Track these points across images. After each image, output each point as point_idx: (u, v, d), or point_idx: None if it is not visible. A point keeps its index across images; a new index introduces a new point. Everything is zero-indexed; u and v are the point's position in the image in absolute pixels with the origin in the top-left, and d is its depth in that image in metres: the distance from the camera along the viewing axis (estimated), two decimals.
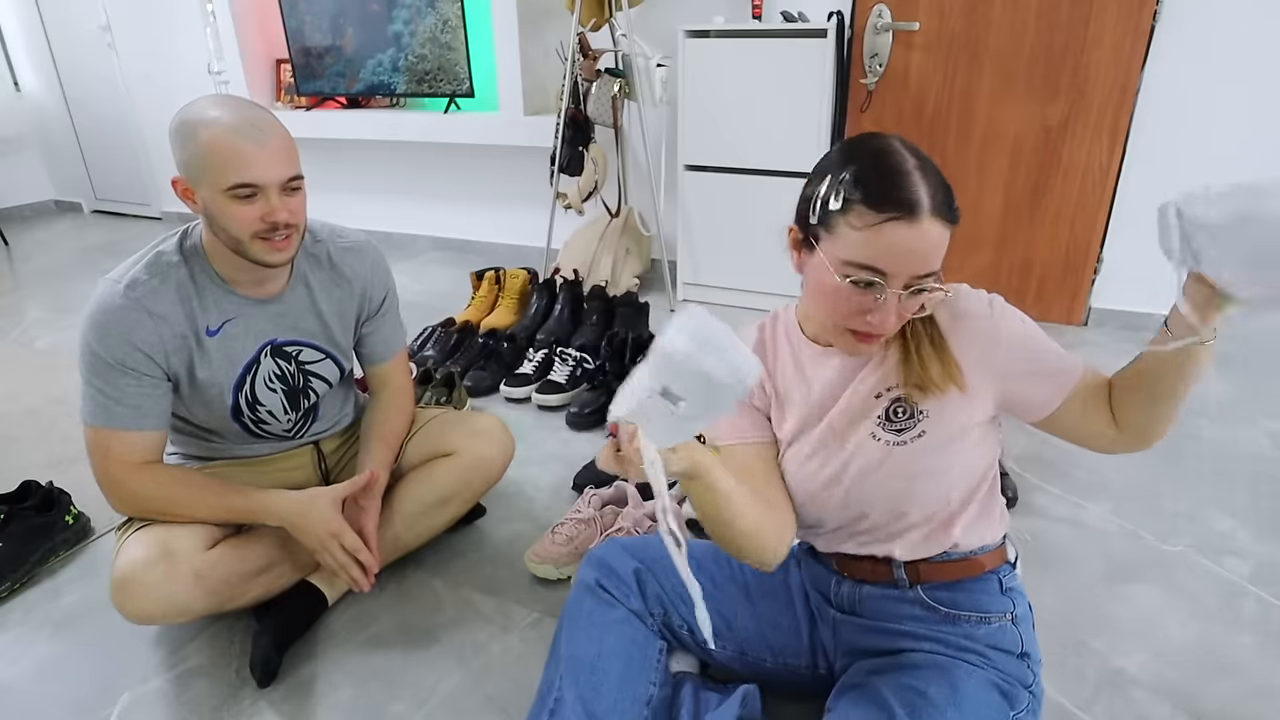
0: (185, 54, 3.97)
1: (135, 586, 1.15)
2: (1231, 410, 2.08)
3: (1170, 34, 2.34)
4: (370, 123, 3.57)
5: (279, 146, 1.14)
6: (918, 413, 0.91)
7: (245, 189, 1.12)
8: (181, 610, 1.19)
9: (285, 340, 1.31)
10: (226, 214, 1.13)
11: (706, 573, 1.09)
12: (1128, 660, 1.24)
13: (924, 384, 0.89)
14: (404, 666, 1.25)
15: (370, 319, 1.42)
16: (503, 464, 1.51)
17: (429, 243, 3.88)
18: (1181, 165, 2.44)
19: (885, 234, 0.79)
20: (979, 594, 0.95)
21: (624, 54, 2.81)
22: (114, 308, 1.16)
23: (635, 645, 1.02)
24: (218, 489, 1.26)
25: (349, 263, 1.36)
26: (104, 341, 1.16)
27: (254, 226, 1.14)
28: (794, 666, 1.08)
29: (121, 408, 1.19)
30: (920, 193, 0.79)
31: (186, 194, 1.16)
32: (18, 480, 1.57)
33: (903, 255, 0.79)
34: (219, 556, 1.23)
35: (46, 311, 3.02)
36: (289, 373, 1.33)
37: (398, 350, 1.48)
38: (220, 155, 1.10)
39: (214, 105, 1.13)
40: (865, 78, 2.70)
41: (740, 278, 2.91)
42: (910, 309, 0.84)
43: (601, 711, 0.94)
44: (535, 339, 2.41)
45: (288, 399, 1.35)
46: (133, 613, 1.17)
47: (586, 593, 1.05)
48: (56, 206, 4.89)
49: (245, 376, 1.28)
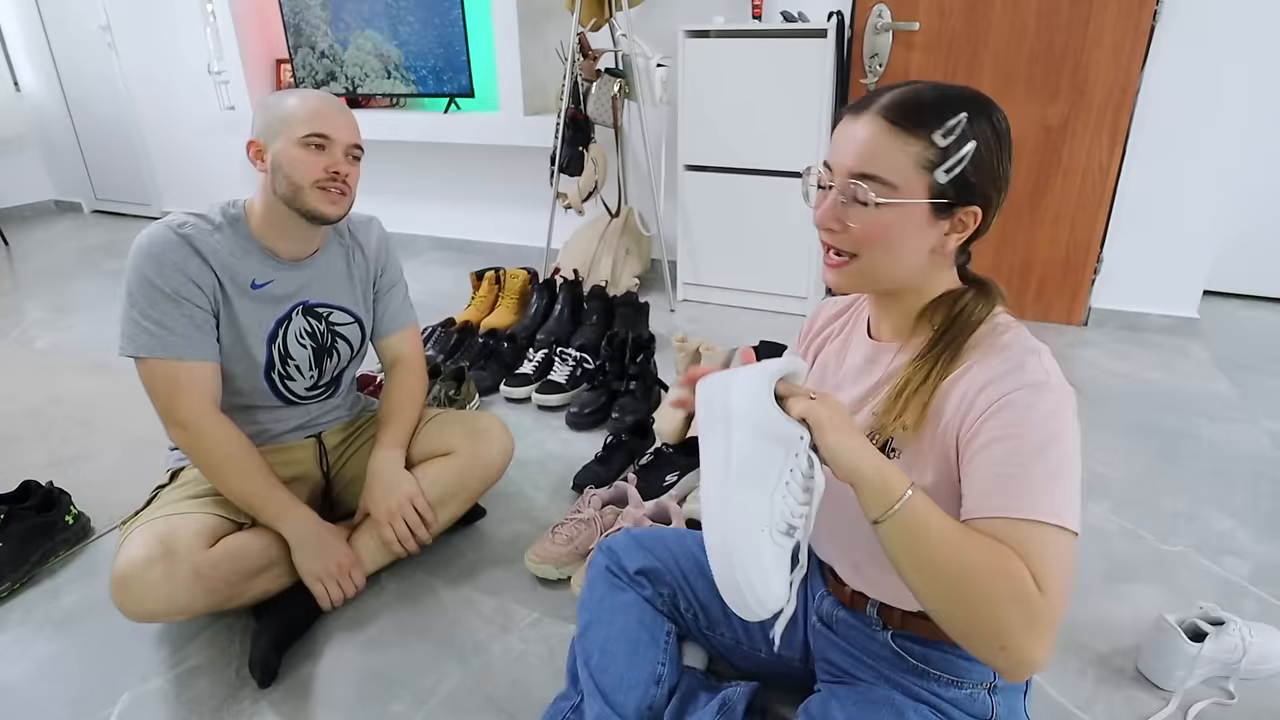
0: (185, 54, 3.97)
1: (135, 585, 1.16)
2: (1231, 410, 2.08)
3: (1170, 34, 2.34)
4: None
5: (352, 120, 1.33)
6: (889, 451, 0.82)
7: (319, 138, 1.27)
8: (181, 609, 1.19)
9: (317, 301, 1.41)
10: (295, 161, 1.27)
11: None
12: (1127, 660, 1.24)
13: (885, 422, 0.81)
14: (404, 666, 1.25)
15: (380, 289, 1.50)
16: (502, 464, 1.52)
17: (429, 243, 3.88)
18: (1181, 165, 2.45)
19: (837, 129, 0.82)
20: (955, 658, 0.89)
21: (624, 54, 2.81)
22: (168, 241, 1.25)
23: (643, 627, 1.04)
24: (264, 475, 1.31)
25: (363, 232, 1.49)
26: (160, 271, 1.24)
27: (316, 174, 1.27)
28: (787, 659, 1.08)
29: (176, 337, 1.26)
30: (878, 95, 0.78)
31: (259, 154, 1.30)
32: (18, 480, 1.57)
33: (839, 146, 0.80)
34: (220, 556, 1.23)
35: (46, 311, 3.01)
36: (319, 330, 1.42)
37: (408, 324, 1.55)
38: (303, 111, 1.27)
39: (301, 90, 1.32)
40: (865, 78, 2.70)
41: (740, 278, 2.91)
42: (849, 215, 0.79)
43: (609, 688, 0.97)
44: (535, 339, 2.41)
45: (315, 356, 1.42)
46: (133, 611, 1.17)
47: (599, 577, 1.09)
48: (56, 206, 4.89)
49: (277, 331, 1.36)
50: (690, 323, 2.79)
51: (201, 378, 1.28)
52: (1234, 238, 2.79)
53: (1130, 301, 2.66)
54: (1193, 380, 2.28)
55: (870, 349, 0.90)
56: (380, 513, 1.36)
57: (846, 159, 0.78)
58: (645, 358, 2.14)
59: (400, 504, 1.37)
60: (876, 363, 0.89)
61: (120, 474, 1.80)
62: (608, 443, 1.83)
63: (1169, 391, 2.20)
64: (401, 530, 1.37)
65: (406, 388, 1.50)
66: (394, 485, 1.38)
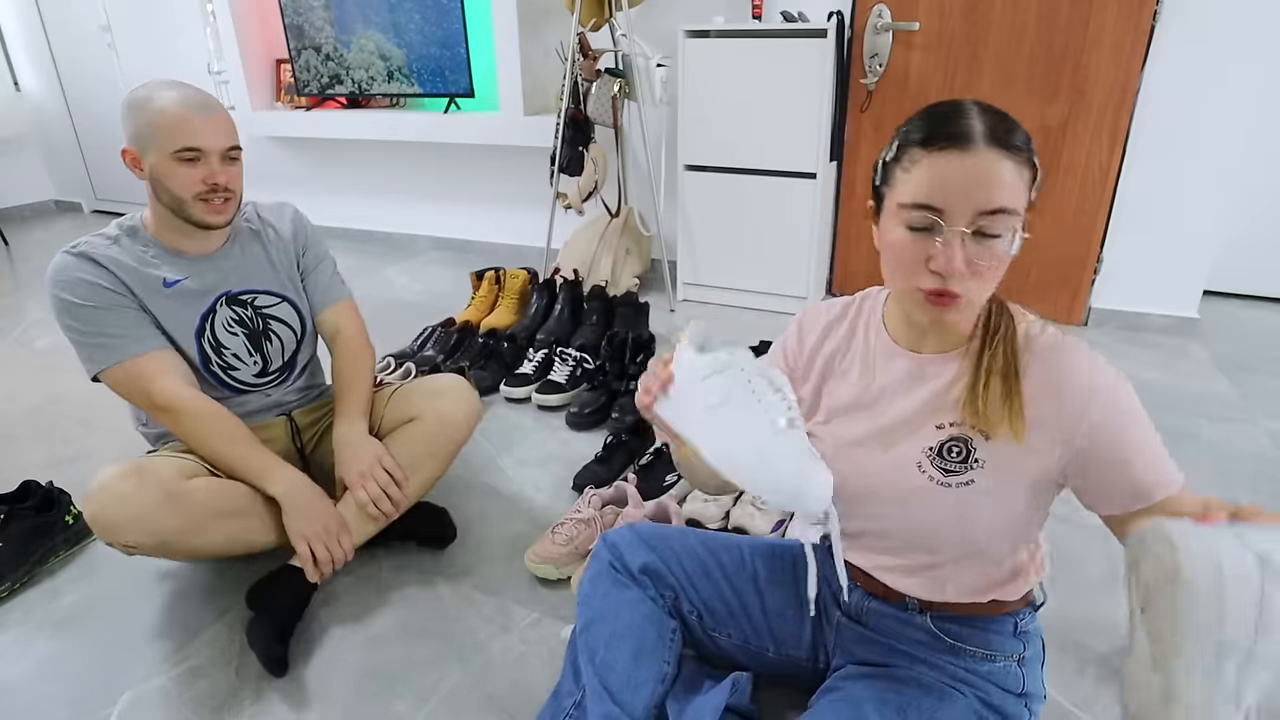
0: (185, 54, 3.97)
1: (105, 494, 1.19)
2: (1231, 410, 2.08)
3: (1170, 34, 2.34)
4: (370, 123, 3.57)
5: (222, 120, 1.31)
6: (973, 460, 0.83)
7: (190, 152, 1.27)
8: (149, 527, 1.20)
9: (239, 290, 1.43)
10: (172, 176, 1.28)
11: (718, 560, 1.10)
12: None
13: (978, 419, 0.81)
14: (404, 666, 1.25)
15: (306, 268, 1.53)
16: (466, 420, 1.53)
17: (429, 243, 3.88)
18: (1181, 165, 2.45)
19: (937, 167, 0.74)
20: (990, 633, 0.92)
21: (624, 54, 2.81)
22: (66, 264, 1.29)
23: (650, 623, 1.03)
24: (249, 439, 1.35)
25: (275, 216, 1.52)
26: (74, 290, 1.28)
27: (195, 188, 1.29)
28: (795, 658, 1.08)
29: (122, 339, 1.29)
30: (973, 123, 0.74)
31: (135, 162, 1.30)
32: (18, 480, 1.57)
33: (956, 186, 0.73)
34: (194, 485, 1.27)
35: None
36: (246, 317, 1.44)
37: (341, 298, 1.58)
38: (170, 123, 1.26)
39: (164, 85, 1.29)
40: (865, 78, 2.70)
41: (740, 278, 2.91)
42: (983, 256, 0.75)
43: (616, 687, 0.95)
44: (535, 339, 2.41)
45: (249, 341, 1.45)
46: (103, 525, 1.19)
47: (602, 572, 1.07)
48: (56, 206, 4.89)
49: (203, 325, 1.39)
50: (690, 323, 2.79)
51: (162, 362, 1.32)
52: (1234, 238, 2.79)
53: (1130, 301, 2.66)
54: (1193, 380, 2.28)
55: (911, 363, 0.88)
56: (352, 477, 1.37)
57: (975, 199, 0.73)
58: (645, 358, 2.14)
59: (370, 464, 1.38)
60: (923, 376, 0.87)
61: None
62: (608, 443, 1.83)
63: (1169, 391, 2.20)
64: (374, 490, 1.37)
65: (350, 357, 1.52)
66: (360, 450, 1.40)
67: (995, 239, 0.75)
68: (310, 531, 1.30)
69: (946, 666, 0.93)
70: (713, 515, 1.56)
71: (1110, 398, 0.78)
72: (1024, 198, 0.76)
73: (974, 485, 0.83)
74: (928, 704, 0.87)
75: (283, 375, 1.51)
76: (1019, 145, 0.74)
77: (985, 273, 0.76)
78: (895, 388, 0.89)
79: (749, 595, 1.09)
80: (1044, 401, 0.80)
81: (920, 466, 0.85)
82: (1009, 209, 0.74)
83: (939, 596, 0.93)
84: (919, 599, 0.94)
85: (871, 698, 0.88)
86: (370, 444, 1.41)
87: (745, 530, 1.51)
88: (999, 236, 0.75)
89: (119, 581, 1.46)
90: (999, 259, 0.76)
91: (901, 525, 0.90)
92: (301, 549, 1.29)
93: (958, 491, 0.84)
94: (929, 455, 0.85)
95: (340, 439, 1.42)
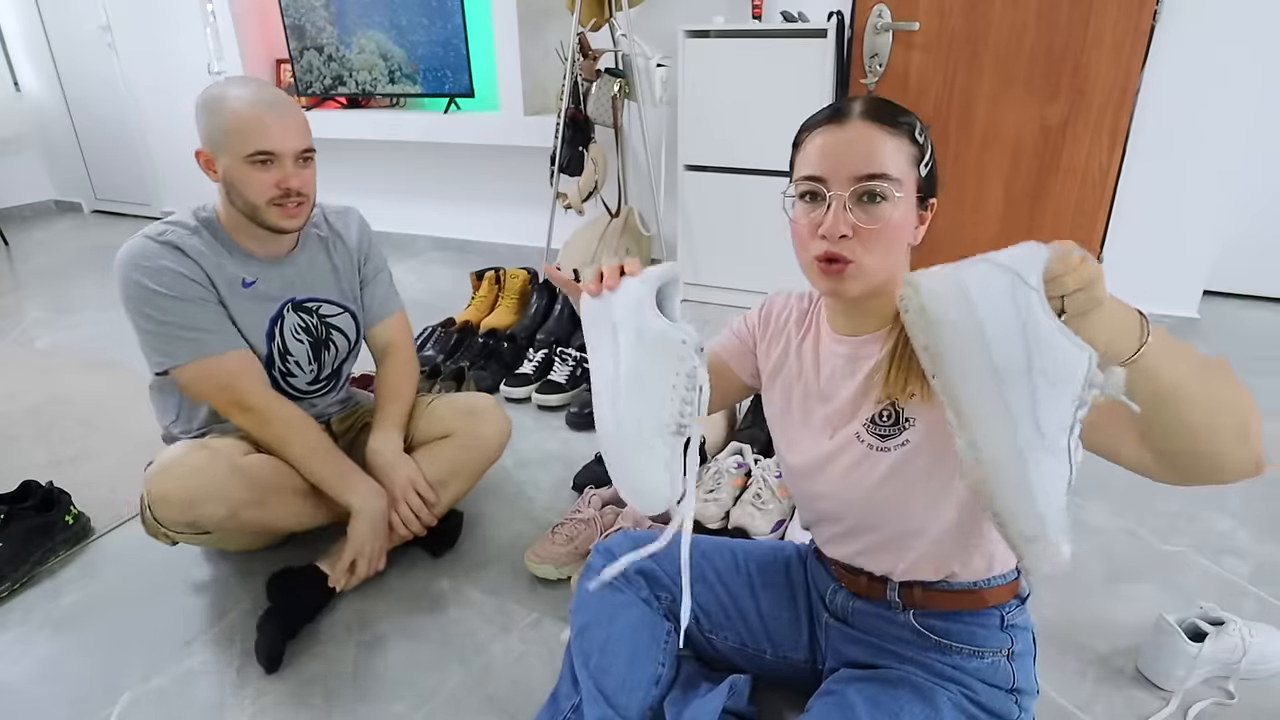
0: (185, 54, 3.97)
1: (177, 468, 1.20)
2: None
3: (1170, 34, 2.34)
4: (370, 123, 3.57)
5: (296, 120, 1.26)
6: (903, 420, 0.86)
7: (264, 155, 1.23)
8: (220, 495, 1.21)
9: (305, 297, 1.41)
10: (246, 180, 1.24)
11: (711, 564, 1.11)
12: (1127, 660, 1.24)
13: (889, 388, 0.85)
14: (404, 666, 1.25)
15: (366, 278, 1.51)
16: (499, 443, 1.53)
17: (429, 243, 3.88)
18: (1181, 165, 2.45)
19: (818, 141, 0.83)
20: (975, 627, 0.92)
21: (624, 54, 2.81)
22: (150, 249, 1.24)
23: (643, 626, 1.03)
24: (330, 446, 1.36)
25: (341, 223, 1.48)
26: (158, 278, 1.23)
27: (270, 193, 1.24)
28: (793, 661, 1.08)
29: (208, 334, 1.27)
30: (853, 104, 0.82)
31: (209, 164, 1.26)
32: (18, 480, 1.57)
33: (833, 154, 0.81)
34: (257, 461, 1.29)
35: (46, 311, 3.01)
36: (311, 325, 1.43)
37: (395, 310, 1.56)
38: (243, 125, 1.21)
39: (238, 84, 1.24)
40: (865, 78, 2.70)
41: (740, 278, 2.91)
42: (865, 220, 0.80)
43: (611, 690, 0.96)
44: (535, 339, 2.41)
45: (312, 349, 1.44)
46: (178, 500, 1.19)
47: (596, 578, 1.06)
48: (56, 206, 4.89)
49: (273, 329, 1.37)
50: (690, 323, 2.78)
51: (246, 362, 1.32)
52: (1234, 238, 2.79)
53: (1130, 301, 2.63)
54: None
55: (848, 347, 0.92)
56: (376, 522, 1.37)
57: (851, 164, 0.80)
58: None
59: (403, 488, 1.38)
60: (859, 357, 0.91)
61: (120, 474, 1.80)
62: None
63: None
64: (406, 514, 1.38)
65: (400, 372, 1.51)
66: (394, 468, 1.39)
67: (876, 205, 0.80)
68: (367, 548, 1.33)
69: (934, 664, 0.92)
70: (712, 515, 1.55)
71: None
72: (906, 171, 0.81)
73: (909, 445, 0.86)
74: (920, 709, 0.87)
75: (330, 385, 1.51)
76: (897, 122, 0.81)
77: (871, 238, 0.81)
78: (838, 375, 0.93)
79: (744, 598, 1.09)
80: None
81: (860, 438, 0.89)
82: (885, 174, 0.80)
83: (902, 575, 0.93)
84: (899, 596, 0.95)
85: (864, 701, 0.88)
86: (405, 464, 1.40)
87: (745, 530, 1.51)
88: (880, 202, 0.80)
89: (119, 581, 1.46)
90: (882, 223, 0.80)
91: (847, 503, 0.93)
92: (348, 558, 1.32)
93: (895, 454, 0.86)
94: (865, 425, 0.89)
95: (375, 449, 1.40)
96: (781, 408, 1.00)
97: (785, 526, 1.53)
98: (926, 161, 0.83)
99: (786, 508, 1.56)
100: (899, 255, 0.85)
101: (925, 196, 0.85)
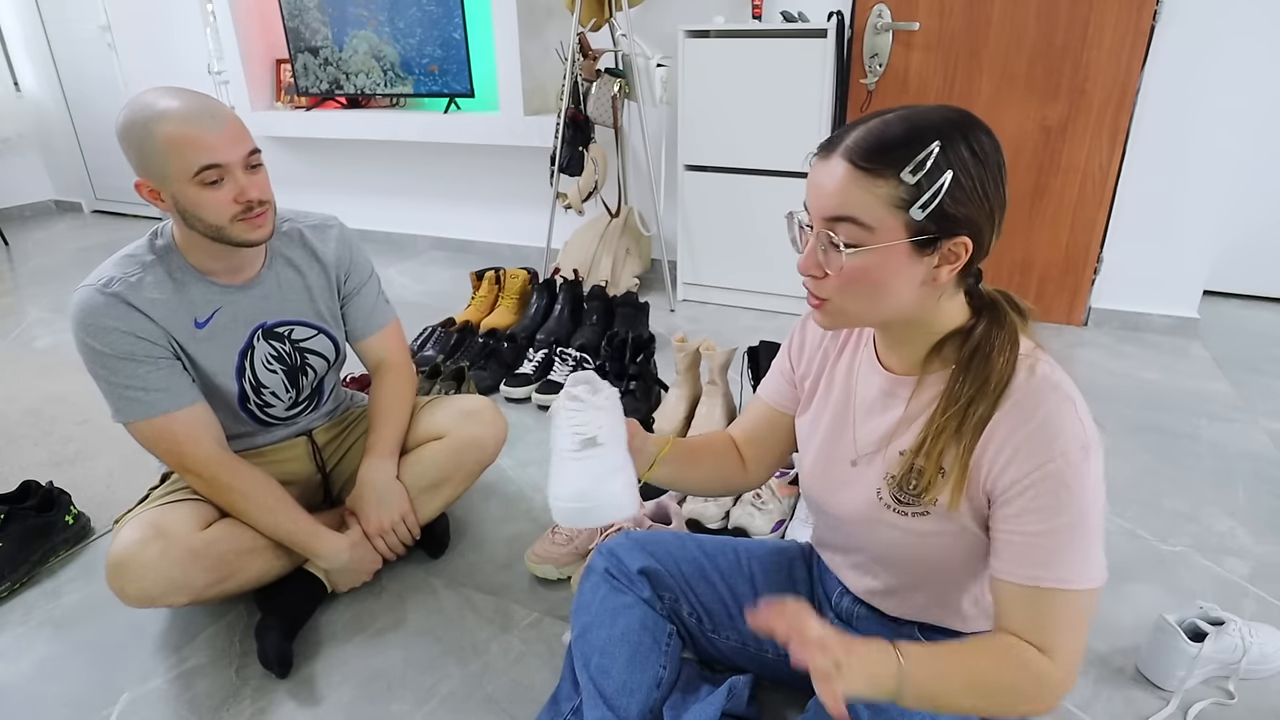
0: (185, 54, 3.97)
1: (133, 566, 1.15)
2: (1231, 410, 2.08)
3: (1170, 34, 2.34)
4: (370, 123, 3.57)
5: (233, 125, 1.15)
6: (926, 501, 0.82)
7: (212, 171, 1.12)
8: (180, 587, 1.18)
9: (275, 321, 1.33)
10: (201, 204, 1.14)
11: (714, 563, 1.10)
12: (1127, 660, 1.24)
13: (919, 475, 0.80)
14: (404, 666, 1.25)
15: (348, 293, 1.43)
16: (495, 444, 1.50)
17: (429, 243, 3.88)
18: (1181, 165, 2.45)
19: (812, 170, 0.77)
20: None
21: (624, 54, 2.81)
22: (96, 306, 1.18)
23: (645, 629, 1.03)
24: (287, 507, 1.30)
25: (319, 238, 1.39)
26: (103, 338, 1.18)
27: (230, 210, 1.15)
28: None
29: (155, 394, 1.21)
30: (846, 134, 0.74)
31: (154, 195, 1.16)
32: (18, 480, 1.57)
33: (812, 189, 0.76)
34: (214, 535, 1.24)
35: (46, 311, 3.01)
36: (284, 352, 1.35)
37: (384, 324, 1.49)
38: (180, 145, 1.10)
39: (158, 100, 1.12)
40: (865, 78, 2.70)
41: (740, 278, 2.91)
42: (828, 262, 0.75)
43: (611, 692, 0.96)
44: (535, 339, 2.41)
45: (288, 378, 1.37)
46: (132, 594, 1.16)
47: (598, 579, 1.07)
48: (56, 206, 4.89)
49: (243, 363, 1.30)
50: (690, 323, 2.79)
51: (195, 422, 1.24)
52: (1234, 238, 2.79)
53: (1130, 301, 2.66)
54: (1192, 380, 2.28)
55: (885, 381, 0.87)
56: (371, 527, 1.37)
57: (817, 203, 0.75)
58: (645, 358, 2.14)
59: (393, 521, 1.38)
60: (895, 396, 0.86)
61: (120, 474, 1.80)
62: None
63: (1169, 391, 2.20)
64: (393, 543, 1.40)
65: (393, 390, 1.46)
66: (385, 500, 1.37)
67: (836, 248, 0.74)
68: (354, 580, 1.39)
69: None
70: (713, 515, 1.55)
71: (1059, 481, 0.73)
72: (885, 216, 0.72)
73: (929, 517, 0.83)
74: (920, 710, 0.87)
75: (311, 403, 1.45)
76: (876, 163, 0.71)
77: (833, 281, 0.76)
78: (873, 406, 0.89)
79: (747, 597, 1.09)
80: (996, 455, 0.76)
81: (880, 494, 0.86)
82: (853, 219, 0.72)
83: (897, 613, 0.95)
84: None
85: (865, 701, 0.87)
86: (396, 495, 1.38)
87: (745, 530, 1.51)
88: (839, 247, 0.73)
89: None
90: (843, 270, 0.74)
91: (860, 543, 0.94)
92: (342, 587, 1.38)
93: (913, 520, 0.84)
94: (888, 481, 0.85)
95: (367, 478, 1.37)
96: (811, 425, 0.98)
97: (785, 526, 1.53)
98: (925, 203, 0.71)
99: (786, 507, 1.56)
100: (897, 299, 0.76)
101: (937, 238, 0.73)
